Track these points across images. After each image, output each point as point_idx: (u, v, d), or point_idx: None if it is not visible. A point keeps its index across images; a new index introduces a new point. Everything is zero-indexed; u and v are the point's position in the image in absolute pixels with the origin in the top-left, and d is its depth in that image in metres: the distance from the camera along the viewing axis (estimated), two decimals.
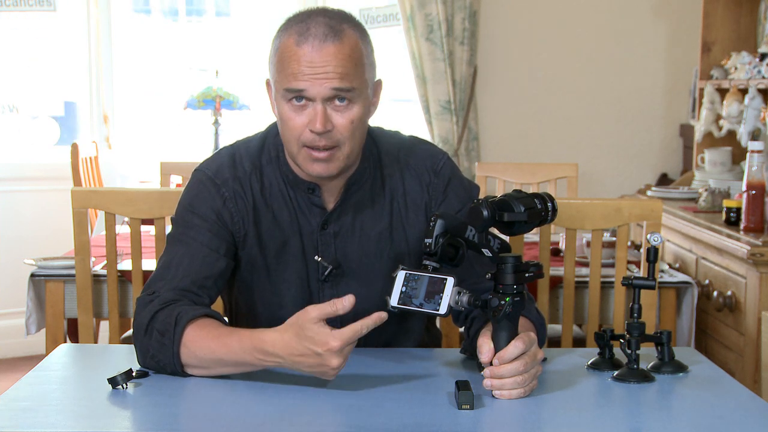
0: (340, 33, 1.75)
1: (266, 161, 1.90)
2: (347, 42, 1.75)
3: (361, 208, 1.90)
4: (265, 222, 1.88)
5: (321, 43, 1.73)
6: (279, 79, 1.78)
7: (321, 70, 1.73)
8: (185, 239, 1.85)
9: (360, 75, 1.77)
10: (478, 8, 4.88)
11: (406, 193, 1.92)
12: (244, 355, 1.65)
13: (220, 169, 1.89)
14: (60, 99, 5.17)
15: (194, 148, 5.07)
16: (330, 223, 1.89)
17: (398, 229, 1.92)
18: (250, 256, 1.90)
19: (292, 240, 1.89)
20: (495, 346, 1.60)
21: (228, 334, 1.68)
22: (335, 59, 1.73)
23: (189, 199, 1.89)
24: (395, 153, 1.94)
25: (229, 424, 1.50)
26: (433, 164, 1.95)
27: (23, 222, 4.86)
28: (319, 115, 1.74)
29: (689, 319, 2.94)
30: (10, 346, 4.81)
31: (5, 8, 4.77)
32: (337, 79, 1.73)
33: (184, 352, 1.69)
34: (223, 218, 1.87)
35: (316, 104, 1.75)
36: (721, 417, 1.56)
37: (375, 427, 1.48)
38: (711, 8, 4.31)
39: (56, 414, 1.55)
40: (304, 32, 1.74)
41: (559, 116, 5.05)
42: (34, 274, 2.89)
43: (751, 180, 3.12)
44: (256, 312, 1.94)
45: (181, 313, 1.72)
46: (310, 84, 1.73)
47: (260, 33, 5.14)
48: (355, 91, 1.76)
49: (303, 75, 1.73)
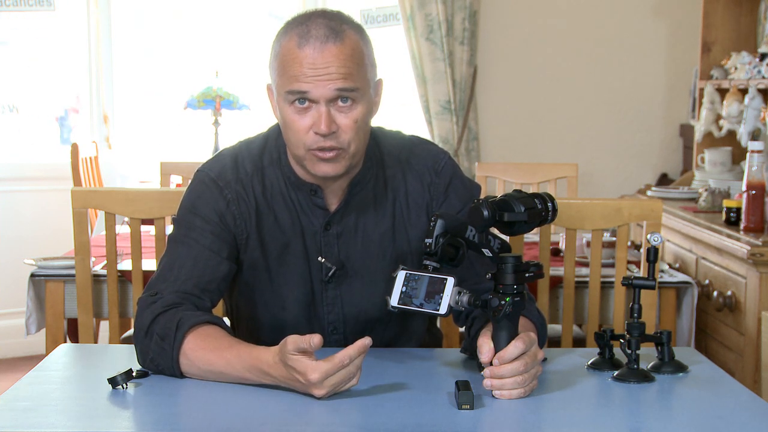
0: (340, 34, 1.74)
1: (268, 162, 1.90)
2: (348, 42, 1.75)
3: (364, 209, 1.90)
4: (266, 224, 1.88)
5: (322, 45, 1.73)
6: (281, 83, 1.77)
7: (323, 71, 1.72)
8: (188, 241, 1.84)
9: (362, 75, 1.77)
10: (478, 8, 4.88)
11: (408, 193, 1.92)
12: (242, 371, 1.65)
13: (222, 170, 1.88)
14: (60, 99, 5.17)
15: (194, 148, 5.07)
16: (333, 224, 1.89)
17: (400, 229, 1.92)
18: (252, 258, 1.89)
19: (294, 241, 1.89)
20: (495, 346, 1.60)
21: (228, 348, 1.68)
22: (337, 60, 1.73)
23: (191, 200, 1.88)
24: (397, 153, 1.94)
25: (229, 424, 1.50)
26: (435, 164, 1.95)
27: (23, 222, 4.86)
28: (323, 116, 1.74)
29: (689, 319, 2.94)
30: (10, 346, 4.81)
31: (5, 8, 4.77)
32: (341, 80, 1.73)
33: (183, 360, 1.69)
34: (225, 220, 1.86)
35: (319, 106, 1.74)
36: (721, 417, 1.56)
37: (375, 427, 1.48)
38: (711, 8, 4.31)
39: (56, 414, 1.55)
40: (305, 34, 1.74)
41: (559, 116, 5.05)
42: (34, 274, 2.89)
43: (751, 180, 3.12)
44: (257, 315, 1.94)
45: (182, 318, 1.72)
46: (313, 86, 1.73)
47: (260, 33, 5.14)
48: (358, 91, 1.76)
49: (305, 77, 1.73)
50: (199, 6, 5.27)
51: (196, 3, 5.28)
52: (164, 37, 5.25)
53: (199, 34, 5.24)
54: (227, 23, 5.24)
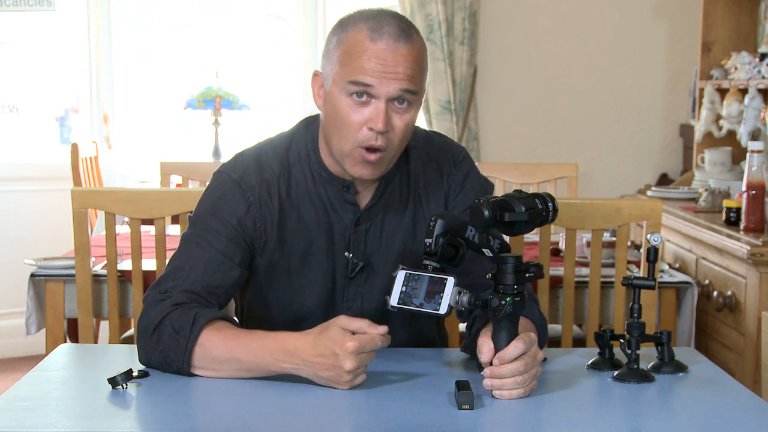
0: (411, 36, 1.75)
1: (294, 160, 1.88)
2: (416, 46, 1.76)
3: (390, 205, 1.90)
4: (289, 223, 1.86)
5: (395, 43, 1.73)
6: (343, 72, 1.75)
7: (392, 69, 1.72)
8: (202, 243, 1.82)
9: (422, 80, 1.78)
10: (478, 8, 4.88)
11: (426, 183, 1.93)
12: (264, 355, 1.65)
13: (245, 172, 1.86)
14: (60, 99, 5.17)
15: (194, 148, 5.07)
16: (362, 220, 1.88)
17: (420, 223, 1.92)
18: (270, 261, 1.87)
19: (318, 238, 1.87)
20: (495, 346, 1.60)
21: (247, 335, 1.69)
22: (406, 61, 1.73)
23: (212, 201, 1.86)
24: (419, 145, 1.95)
25: (229, 424, 1.50)
26: (454, 156, 1.96)
27: (23, 222, 4.86)
28: (381, 113, 1.73)
29: (689, 319, 2.94)
30: (10, 346, 4.81)
31: (5, 8, 4.77)
32: (406, 81, 1.73)
33: (199, 351, 1.69)
34: (244, 225, 1.84)
35: (379, 102, 1.74)
36: (721, 417, 1.56)
37: (375, 427, 1.48)
38: (711, 8, 4.31)
39: (56, 414, 1.55)
40: (378, 29, 1.73)
41: (559, 116, 5.05)
42: (34, 274, 2.89)
43: (751, 180, 3.12)
44: (272, 314, 1.92)
45: (199, 313, 1.71)
46: (379, 81, 1.73)
47: (260, 33, 5.14)
48: (416, 95, 1.77)
49: (373, 71, 1.72)
50: (199, 6, 5.27)
51: (195, 3, 5.27)
52: (164, 37, 5.25)
53: (199, 34, 5.24)
54: (227, 23, 5.25)
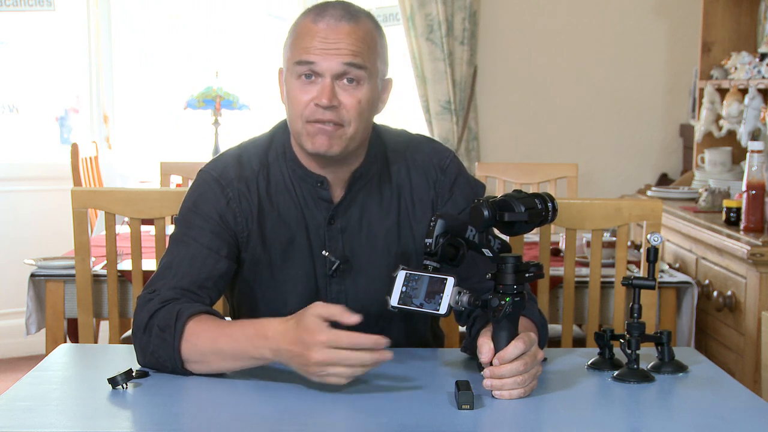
0: (356, 16, 1.80)
1: (273, 159, 1.91)
2: (362, 26, 1.79)
3: (368, 204, 1.91)
4: (269, 220, 1.89)
5: (336, 22, 1.77)
6: (291, 56, 1.80)
7: (333, 45, 1.76)
8: (187, 240, 1.85)
9: (372, 59, 1.80)
10: (478, 8, 4.88)
11: (412, 189, 1.93)
12: (244, 342, 1.65)
13: (225, 169, 1.89)
14: (60, 99, 5.17)
15: (194, 148, 5.07)
16: (337, 218, 1.89)
17: (405, 225, 1.92)
18: (253, 256, 1.89)
19: (298, 236, 1.89)
20: (495, 346, 1.60)
21: (230, 324, 1.71)
22: (349, 37, 1.77)
23: (192, 199, 1.89)
24: (402, 150, 1.95)
25: (229, 424, 1.50)
26: (440, 161, 1.96)
27: (23, 222, 4.86)
28: (326, 88, 1.76)
29: (689, 319, 2.94)
30: (10, 346, 4.81)
31: (5, 8, 4.77)
32: (349, 55, 1.76)
33: (185, 346, 1.69)
34: (225, 219, 1.87)
35: (324, 79, 1.77)
36: (721, 417, 1.56)
37: (375, 427, 1.48)
38: (711, 8, 4.31)
39: (56, 414, 1.54)
40: (321, 12, 1.79)
41: (559, 116, 5.05)
42: (34, 274, 2.89)
43: (751, 180, 3.12)
44: (259, 311, 1.93)
45: (182, 309, 1.72)
46: (321, 58, 1.76)
47: (260, 33, 5.14)
48: (365, 71, 1.78)
49: (315, 49, 1.76)
50: (199, 6, 5.27)
51: (195, 3, 5.27)
52: (164, 37, 5.25)
53: (199, 34, 5.24)
54: (227, 23, 5.25)
